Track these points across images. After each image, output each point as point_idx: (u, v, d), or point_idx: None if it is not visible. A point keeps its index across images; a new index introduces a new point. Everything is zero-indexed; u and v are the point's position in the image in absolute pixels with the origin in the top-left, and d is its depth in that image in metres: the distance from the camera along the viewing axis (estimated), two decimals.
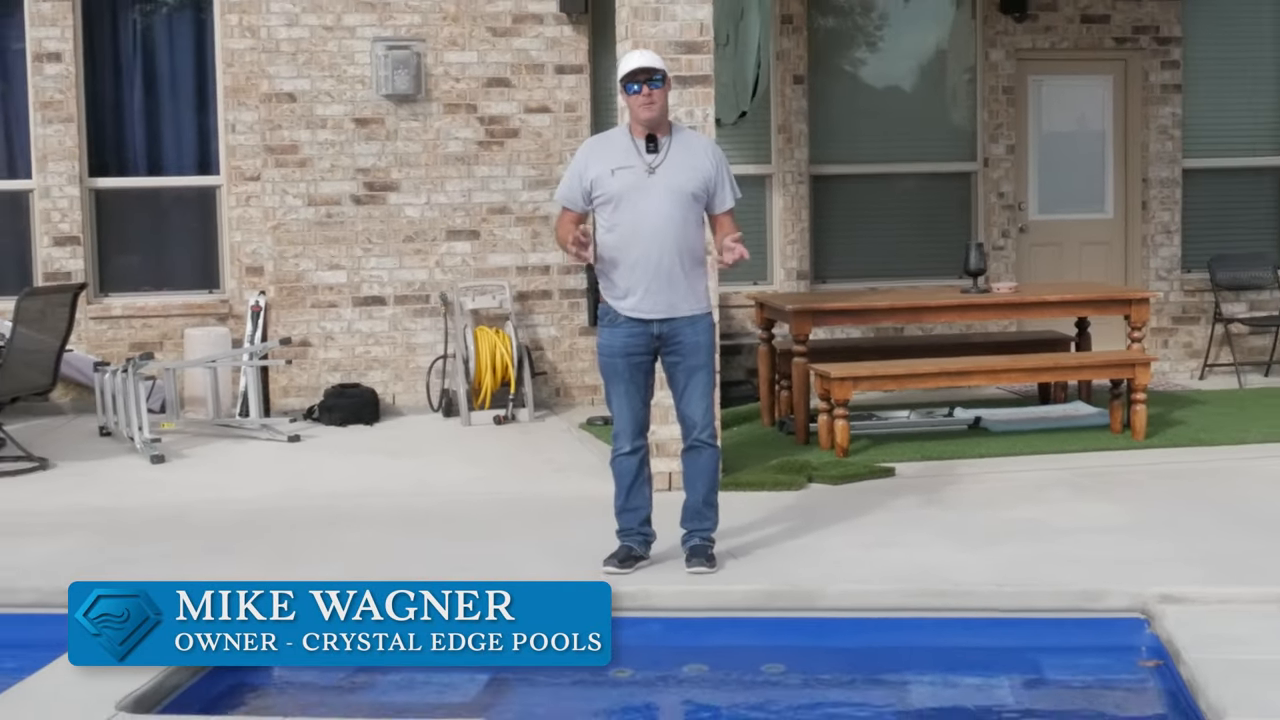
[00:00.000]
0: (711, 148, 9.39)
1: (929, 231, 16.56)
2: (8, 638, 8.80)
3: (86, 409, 15.03)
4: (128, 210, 15.75)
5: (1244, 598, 8.63)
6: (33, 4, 15.13)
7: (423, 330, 15.42)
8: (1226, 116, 17.09)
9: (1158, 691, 8.02)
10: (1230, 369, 16.51)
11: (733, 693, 8.29)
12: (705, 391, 9.30)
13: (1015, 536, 10.01)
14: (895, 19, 16.52)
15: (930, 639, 8.65)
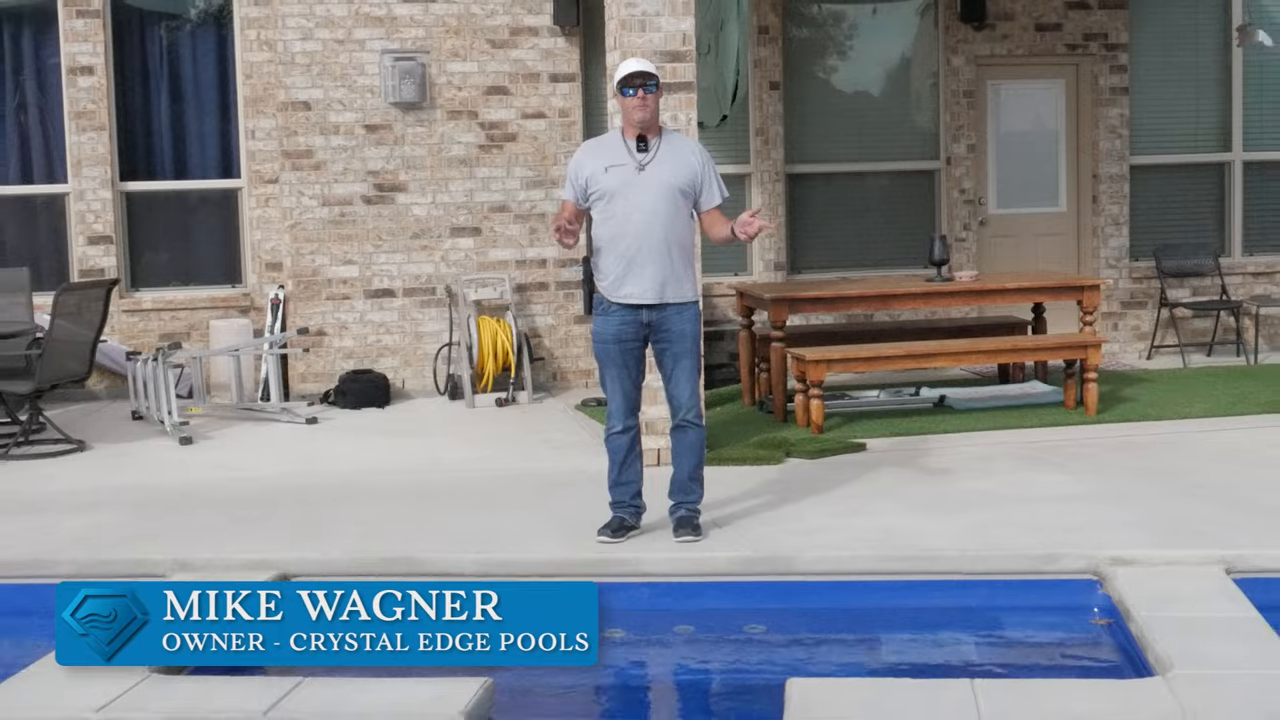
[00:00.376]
0: (698, 148, 9.40)
1: (896, 225, 16.56)
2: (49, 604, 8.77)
3: (120, 395, 15.04)
4: (156, 211, 15.74)
5: (1188, 560, 8.65)
6: (67, 22, 15.13)
7: (429, 320, 15.42)
8: (1170, 116, 17.08)
9: (1109, 646, 8.05)
10: (1175, 350, 16.52)
11: (718, 651, 8.30)
12: (691, 375, 9.32)
13: (977, 505, 10.02)
14: (864, 29, 16.51)
15: (899, 600, 8.67)
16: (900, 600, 8.66)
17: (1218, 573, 8.47)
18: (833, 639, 8.34)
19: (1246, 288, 17.06)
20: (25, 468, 12.06)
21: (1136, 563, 8.62)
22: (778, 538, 9.29)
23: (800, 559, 8.90)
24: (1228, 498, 10.05)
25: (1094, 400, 13.08)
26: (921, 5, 16.56)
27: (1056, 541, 9.00)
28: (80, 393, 14.90)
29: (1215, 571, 8.49)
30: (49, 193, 15.50)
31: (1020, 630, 8.48)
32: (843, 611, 8.62)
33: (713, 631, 8.48)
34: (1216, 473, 10.89)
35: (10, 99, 15.39)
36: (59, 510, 10.46)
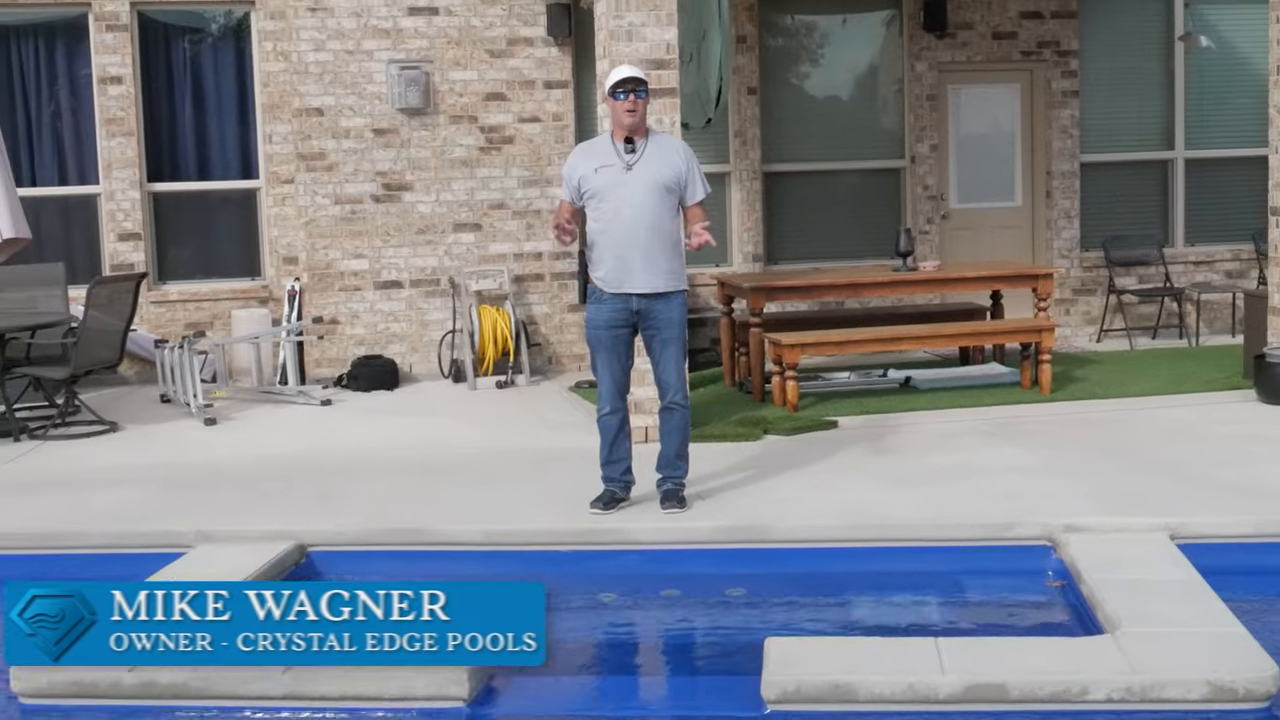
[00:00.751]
0: (683, 148, 9.41)
1: (864, 219, 16.56)
2: (84, 573, 8.79)
3: (149, 380, 15.03)
4: (181, 210, 15.73)
5: (1134, 527, 8.66)
6: (97, 35, 15.12)
7: (434, 309, 15.42)
8: (1118, 118, 17.09)
9: (1062, 606, 8.06)
10: (1122, 333, 16.54)
11: (702, 613, 8.32)
12: (678, 360, 9.33)
13: (940, 477, 10.02)
14: (834, 38, 16.50)
15: (868, 565, 8.66)
16: (869, 565, 8.66)
17: (1162, 539, 8.48)
18: (808, 601, 8.34)
19: (1188, 276, 17.09)
20: (61, 447, 12.06)
21: (1087, 530, 8.64)
22: (757, 508, 9.31)
23: (777, 528, 8.92)
24: (1172, 470, 10.07)
25: (1048, 380, 13.09)
26: (887, 16, 16.56)
27: (1013, 510, 9.02)
28: (112, 378, 14.88)
29: (1160, 538, 8.50)
30: (82, 193, 15.50)
31: (980, 592, 8.50)
32: (817, 576, 8.62)
33: (697, 595, 8.49)
34: (1161, 447, 10.91)
35: (46, 107, 15.39)
36: (92, 486, 10.46)
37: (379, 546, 9.03)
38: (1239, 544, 8.60)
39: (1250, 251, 17.10)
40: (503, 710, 6.74)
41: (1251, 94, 16.91)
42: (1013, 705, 6.43)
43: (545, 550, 8.96)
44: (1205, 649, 6.71)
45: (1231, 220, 17.29)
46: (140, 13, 15.33)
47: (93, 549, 9.06)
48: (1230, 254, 17.26)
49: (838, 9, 16.46)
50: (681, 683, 7.57)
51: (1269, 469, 10.00)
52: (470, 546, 8.98)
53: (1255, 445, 10.84)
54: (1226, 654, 6.64)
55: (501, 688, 6.92)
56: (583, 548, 8.97)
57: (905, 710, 6.45)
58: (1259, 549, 8.58)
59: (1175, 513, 8.86)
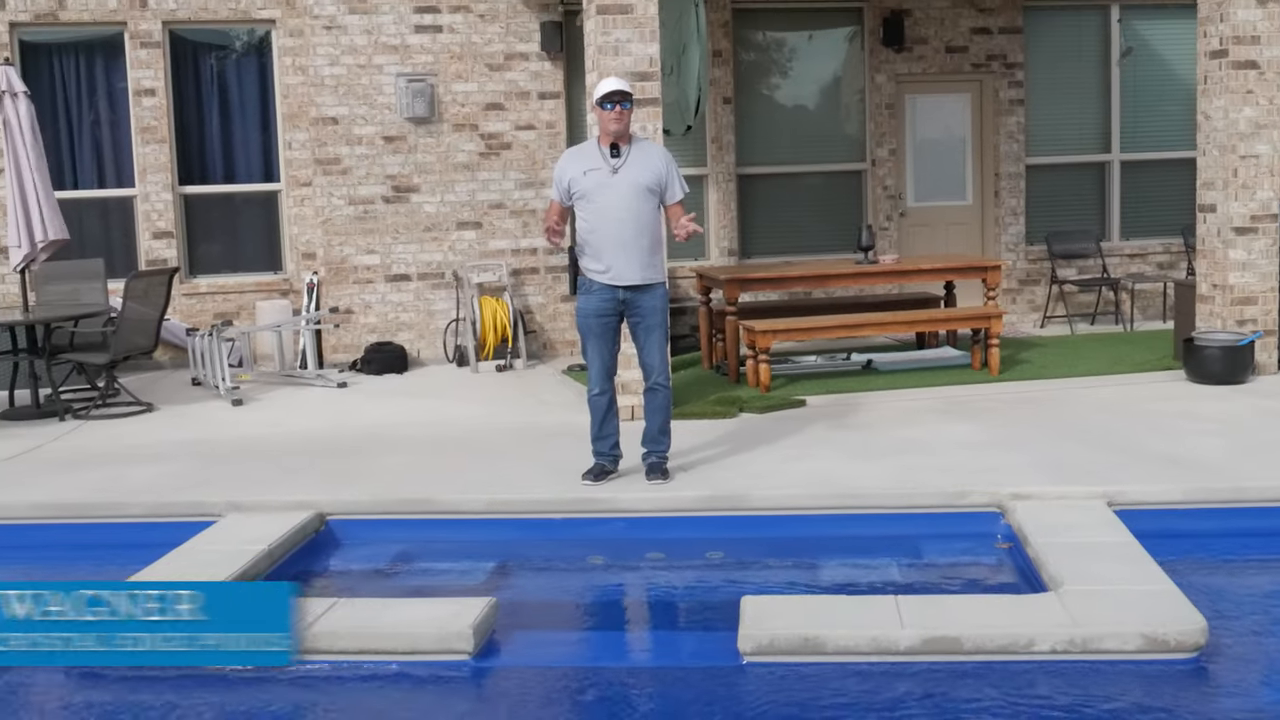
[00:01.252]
0: (663, 152, 9.39)
1: (830, 217, 16.56)
2: (123, 540, 8.81)
3: (181, 364, 15.04)
4: (209, 210, 15.71)
5: (1075, 495, 8.68)
6: (132, 51, 15.09)
7: (439, 300, 15.41)
8: (1060, 124, 17.10)
9: (1010, 567, 8.08)
10: (1064, 319, 16.58)
11: (683, 574, 8.33)
12: (661, 345, 9.33)
13: (899, 450, 10.03)
14: (802, 52, 16.49)
15: (835, 530, 8.68)
16: (836, 530, 8.68)
17: (1101, 505, 8.52)
18: (780, 563, 8.35)
19: (1124, 267, 17.11)
20: (102, 426, 12.05)
21: (1033, 497, 8.66)
22: (733, 479, 9.30)
23: (752, 497, 8.93)
24: (1109, 443, 10.09)
25: (996, 362, 13.11)
26: (850, 32, 16.55)
27: (965, 480, 9.02)
28: (148, 363, 14.89)
29: (1099, 505, 8.53)
30: (120, 196, 15.47)
31: (936, 555, 8.50)
32: (788, 540, 8.63)
33: (679, 558, 8.50)
34: (1099, 422, 10.92)
35: (86, 117, 15.36)
36: (130, 461, 10.45)
37: (391, 515, 9.03)
38: (1171, 510, 8.61)
39: (1180, 245, 17.13)
40: (504, 662, 6.74)
41: (1181, 101, 16.96)
42: (966, 656, 6.45)
43: (541, 518, 8.98)
44: (1140, 605, 6.73)
45: (1163, 217, 17.31)
46: (171, 31, 15.31)
47: (131, 518, 9.07)
48: (1162, 247, 17.28)
49: (805, 26, 16.45)
50: (665, 637, 7.58)
51: (1198, 442, 10.02)
52: (473, 515, 9.00)
53: (1185, 421, 10.86)
54: (1159, 609, 6.66)
55: (503, 641, 6.94)
56: (575, 515, 8.98)
57: (869, 661, 6.47)
58: (1189, 514, 8.61)
59: (1112, 482, 8.89)
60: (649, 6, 11.24)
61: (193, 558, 7.99)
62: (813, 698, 6.17)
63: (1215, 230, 13.01)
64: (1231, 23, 12.67)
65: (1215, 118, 12.94)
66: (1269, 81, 12.75)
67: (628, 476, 9.45)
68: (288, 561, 8.26)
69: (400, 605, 7.14)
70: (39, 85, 14.96)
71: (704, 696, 6.31)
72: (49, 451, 11.02)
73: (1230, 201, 12.83)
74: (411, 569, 8.54)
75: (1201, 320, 13.16)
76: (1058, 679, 6.26)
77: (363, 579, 8.37)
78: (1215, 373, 12.42)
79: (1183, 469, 9.21)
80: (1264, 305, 12.89)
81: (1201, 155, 13.16)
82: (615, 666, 6.86)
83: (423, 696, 6.45)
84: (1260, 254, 12.87)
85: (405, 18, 15.05)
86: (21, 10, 14.85)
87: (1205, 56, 13.04)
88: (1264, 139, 12.80)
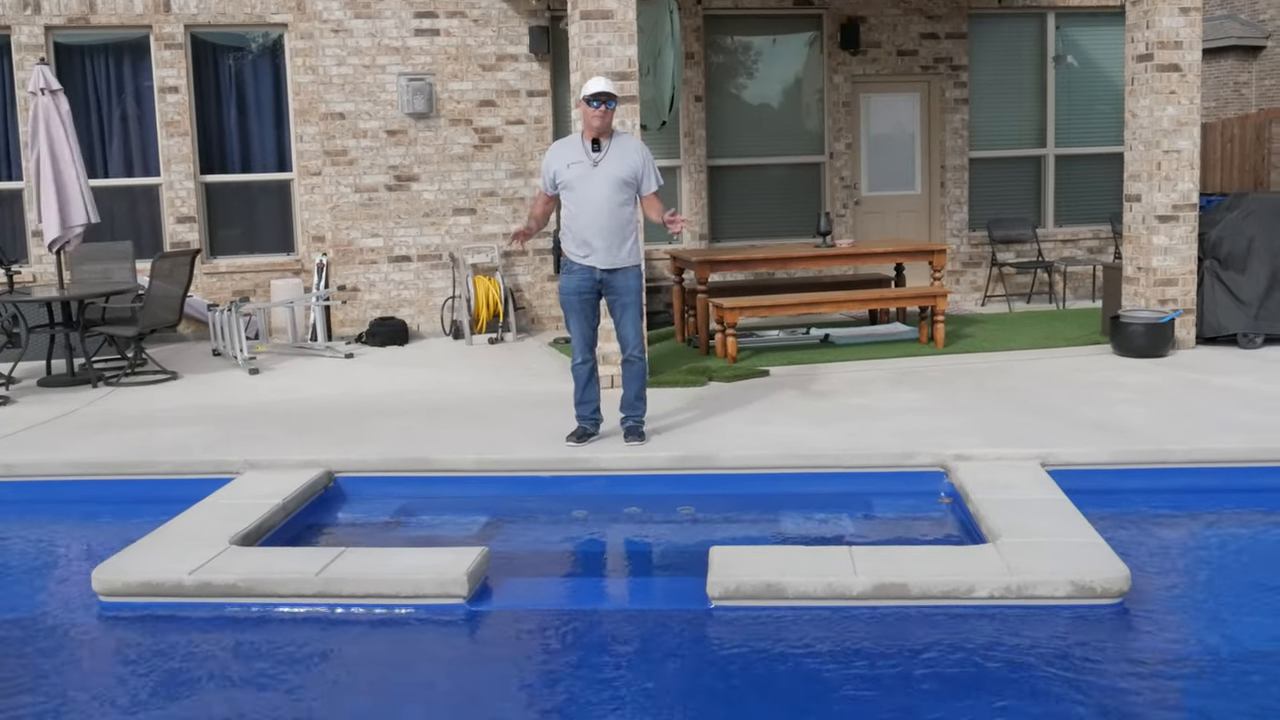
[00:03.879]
0: (640, 146, 9.39)
1: (791, 204, 16.57)
2: (152, 495, 8.83)
3: (203, 337, 15.05)
4: (228, 197, 15.69)
5: (1012, 456, 8.74)
6: (157, 53, 15.05)
7: (437, 279, 15.41)
8: (1000, 121, 17.13)
9: (952, 522, 8.12)
10: (1003, 299, 16.62)
11: (658, 527, 8.34)
12: (635, 320, 9.35)
13: (853, 416, 10.06)
14: (766, 55, 16.48)
15: (794, 488, 8.72)
16: (795, 488, 8.72)
17: (1034, 466, 8.58)
18: (745, 517, 8.38)
19: (1057, 251, 17.16)
20: (132, 392, 12.04)
21: (973, 458, 8.72)
22: (703, 441, 9.33)
23: (720, 457, 8.96)
24: (1043, 409, 10.13)
25: (941, 337, 13.15)
26: (810, 37, 16.55)
27: (912, 443, 9.07)
28: (173, 336, 14.89)
29: (1033, 465, 8.60)
30: (146, 184, 15.44)
31: (886, 510, 8.53)
32: (753, 496, 8.66)
33: (654, 511, 8.52)
34: (1034, 391, 10.96)
35: (116, 112, 15.33)
36: (158, 424, 10.45)
37: (393, 473, 9.05)
38: (1098, 470, 8.68)
39: (1108, 231, 17.18)
40: (495, 605, 6.78)
41: (1110, 101, 17.01)
42: (913, 601, 6.50)
43: (529, 475, 9.00)
44: (1069, 556, 6.79)
45: (1093, 205, 17.35)
46: (193, 34, 15.27)
47: (160, 475, 9.08)
48: (1092, 233, 17.32)
49: (770, 30, 16.44)
50: (641, 583, 7.60)
51: (1123, 409, 10.07)
52: (467, 473, 9.02)
53: (1111, 390, 10.91)
54: (1087, 560, 6.72)
55: (495, 587, 6.97)
56: (559, 474, 9.01)
57: (825, 605, 6.52)
58: (1115, 474, 8.67)
59: (1045, 445, 8.93)
60: (628, 12, 11.24)
61: (214, 510, 8.02)
62: (775, 638, 6.22)
63: (1140, 218, 13.06)
64: (1156, 29, 12.71)
65: (1141, 116, 12.99)
66: (1190, 83, 12.79)
67: (608, 439, 9.46)
68: (299, 514, 8.29)
69: (402, 554, 7.16)
70: (72, 83, 14.93)
71: (676, 636, 6.35)
72: (83, 415, 11.01)
73: (1154, 192, 12.88)
74: (411, 522, 8.55)
75: (1127, 300, 13.22)
76: (995, 622, 6.32)
77: (367, 531, 8.39)
78: (1139, 347, 12.48)
79: (1109, 433, 9.25)
80: (1184, 286, 12.95)
81: (1129, 150, 13.20)
82: (595, 609, 6.89)
83: (423, 636, 6.49)
84: (1181, 240, 12.93)
85: (406, 22, 15.03)
86: (56, 15, 14.81)
87: (1132, 60, 13.07)
88: (1185, 135, 12.84)
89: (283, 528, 8.01)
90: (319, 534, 8.22)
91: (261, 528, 7.76)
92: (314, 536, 8.16)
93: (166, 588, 6.84)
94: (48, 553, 8.16)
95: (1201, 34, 12.93)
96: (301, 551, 7.37)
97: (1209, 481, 8.67)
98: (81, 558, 7.92)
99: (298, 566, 6.92)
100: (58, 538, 8.49)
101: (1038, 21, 17.16)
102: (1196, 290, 13.04)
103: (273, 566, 6.96)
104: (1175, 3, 12.70)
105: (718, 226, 16.40)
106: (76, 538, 8.49)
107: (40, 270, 14.99)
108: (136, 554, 7.24)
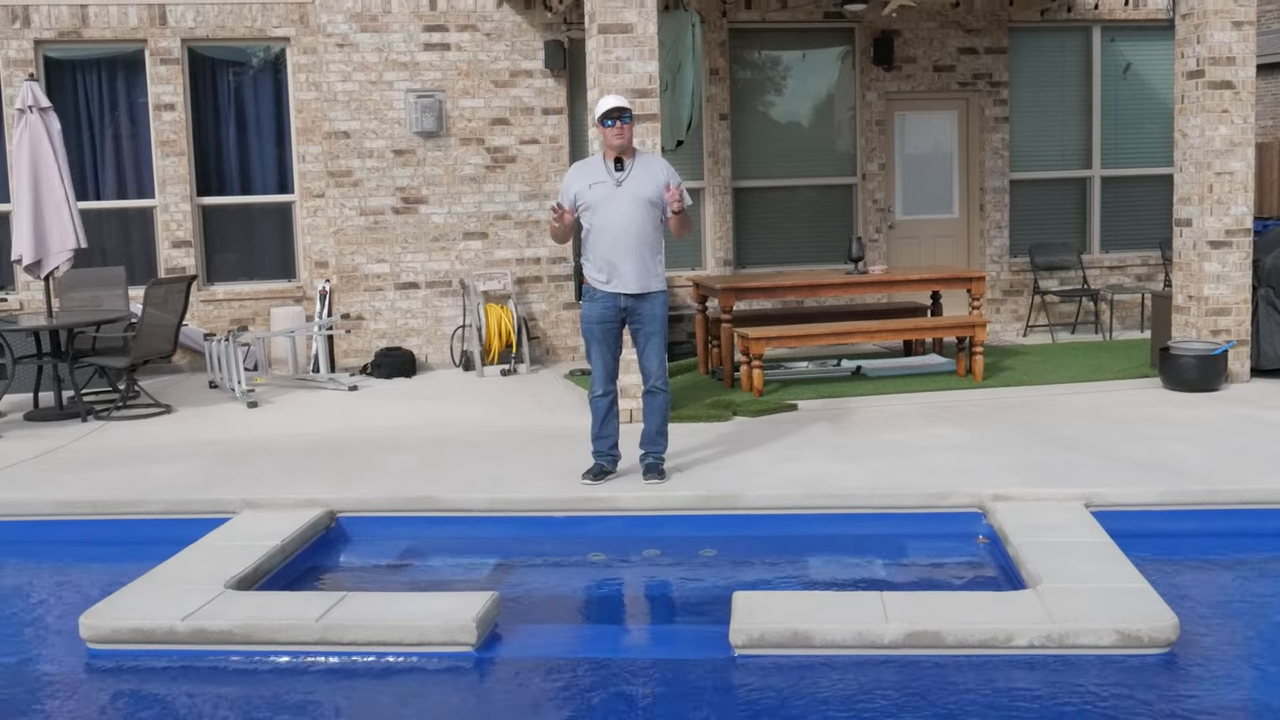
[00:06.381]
0: (665, 165, 9.37)
1: (822, 228, 16.60)
2: (143, 536, 8.84)
3: (198, 368, 15.10)
4: (226, 220, 15.75)
5: (1054, 496, 8.72)
6: (153, 68, 15.14)
7: (447, 307, 15.44)
8: (1042, 140, 17.14)
9: (991, 565, 8.10)
10: (1045, 329, 16.62)
11: (678, 569, 8.34)
12: (659, 350, 9.37)
13: (886, 453, 10.06)
14: (796, 71, 16.53)
15: (823, 529, 8.71)
16: (825, 529, 8.71)
17: (1078, 507, 8.55)
18: (771, 560, 8.36)
19: (1103, 278, 17.15)
20: (123, 426, 12.08)
21: (1013, 498, 8.70)
22: (727, 480, 9.32)
23: (745, 496, 8.96)
24: (1087, 447, 10.12)
25: (980, 369, 13.14)
26: (842, 51, 16.59)
27: (948, 482, 9.06)
28: (167, 366, 14.95)
29: (1076, 506, 8.57)
30: (140, 206, 15.50)
31: (919, 553, 8.51)
32: (779, 538, 8.65)
33: (674, 554, 8.51)
34: (1078, 427, 10.95)
35: (108, 130, 15.41)
36: (150, 461, 10.47)
37: (399, 513, 9.06)
38: (1145, 512, 8.65)
39: (1157, 258, 17.17)
40: (505, 654, 6.77)
41: (1159, 120, 17.02)
42: (947, 650, 6.48)
43: (542, 515, 9.01)
44: (1114, 602, 6.76)
45: (1141, 230, 17.35)
46: (190, 48, 15.35)
47: (152, 514, 9.10)
48: (1140, 260, 17.32)
49: (799, 45, 16.49)
50: (660, 630, 7.60)
51: (1171, 446, 10.06)
52: (477, 513, 9.03)
53: (1160, 426, 10.89)
54: (1133, 606, 6.69)
55: (505, 634, 6.96)
56: (575, 514, 9.01)
57: (854, 654, 6.50)
58: (1163, 516, 8.64)
59: (1090, 484, 8.91)
60: (648, 26, 11.29)
61: (209, 552, 8.03)
62: (801, 689, 6.21)
63: (1191, 244, 13.05)
64: (1208, 44, 12.72)
65: (1192, 135, 12.99)
66: (1243, 101, 12.79)
67: (626, 477, 9.47)
68: (299, 557, 8.30)
69: (407, 599, 7.16)
70: (63, 100, 15.02)
71: (697, 687, 6.34)
72: (72, 451, 11.05)
73: (1206, 216, 12.87)
74: (418, 564, 8.56)
75: (1177, 330, 13.21)
76: (1035, 672, 6.29)
77: (371, 574, 8.40)
78: (1190, 380, 12.46)
79: (1157, 472, 9.23)
80: (1237, 316, 12.93)
81: (1178, 172, 13.20)
82: (612, 658, 6.88)
83: (429, 686, 6.48)
84: (1234, 267, 12.92)
85: (415, 36, 15.10)
86: (46, 28, 14.90)
87: (1183, 77, 13.08)
88: (1238, 156, 12.84)
89: (281, 571, 8.02)
90: (320, 578, 8.23)
91: (259, 571, 7.77)
92: (314, 580, 8.16)
93: (158, 634, 6.84)
94: (33, 597, 8.18)
95: (1255, 49, 12.93)
96: (301, 596, 7.37)
97: (1263, 524, 8.63)
98: (69, 602, 7.92)
99: (297, 612, 6.91)
100: (43, 581, 8.51)
101: (1082, 35, 17.18)
102: (1250, 320, 13.02)
103: (271, 612, 6.95)
104: (1227, 16, 12.72)
105: (743, 252, 16.42)
106: (63, 581, 8.50)
107: (28, 297, 15.05)
108: (127, 598, 7.24)
